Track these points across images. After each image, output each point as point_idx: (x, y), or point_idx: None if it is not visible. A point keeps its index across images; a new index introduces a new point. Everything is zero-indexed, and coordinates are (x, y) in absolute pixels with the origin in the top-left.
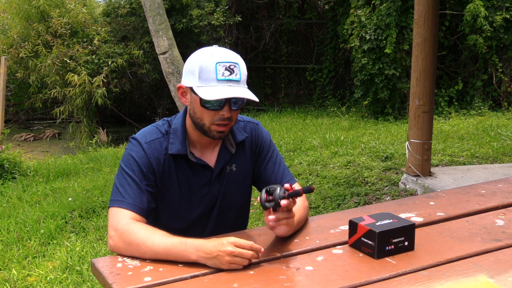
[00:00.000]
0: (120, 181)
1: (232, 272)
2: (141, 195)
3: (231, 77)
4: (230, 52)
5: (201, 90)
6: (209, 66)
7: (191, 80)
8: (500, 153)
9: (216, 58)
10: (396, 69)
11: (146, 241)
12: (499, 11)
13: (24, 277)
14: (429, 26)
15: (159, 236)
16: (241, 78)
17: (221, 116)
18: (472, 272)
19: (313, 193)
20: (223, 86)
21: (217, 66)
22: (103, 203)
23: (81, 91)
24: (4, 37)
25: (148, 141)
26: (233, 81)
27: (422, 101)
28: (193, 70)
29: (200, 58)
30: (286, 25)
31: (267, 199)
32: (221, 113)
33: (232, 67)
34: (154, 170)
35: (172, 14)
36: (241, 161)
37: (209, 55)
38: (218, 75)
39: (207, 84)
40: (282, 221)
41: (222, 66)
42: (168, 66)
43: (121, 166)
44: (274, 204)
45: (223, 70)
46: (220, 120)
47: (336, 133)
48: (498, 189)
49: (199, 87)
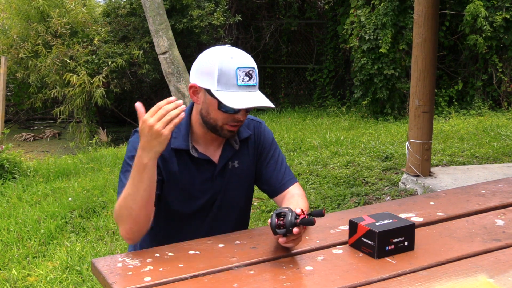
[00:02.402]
0: (124, 174)
1: (232, 272)
2: None
3: (249, 82)
4: (247, 55)
5: (222, 96)
6: (230, 71)
7: (207, 82)
8: (500, 153)
9: (236, 63)
10: (396, 69)
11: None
12: (499, 11)
13: (24, 277)
14: (429, 26)
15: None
16: (257, 83)
17: (236, 118)
18: (472, 272)
19: (313, 193)
20: (243, 92)
21: (237, 72)
22: (103, 203)
23: (81, 91)
24: (4, 37)
25: None
26: (251, 86)
27: (422, 101)
28: (211, 73)
29: (220, 61)
30: (286, 25)
31: (278, 224)
32: (237, 116)
33: (250, 72)
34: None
35: (173, 14)
36: (243, 158)
37: (228, 59)
38: (238, 81)
39: (227, 89)
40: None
41: (242, 72)
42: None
43: (125, 159)
44: (285, 231)
45: (243, 76)
46: (234, 122)
47: (336, 133)
48: (498, 189)
49: (218, 91)
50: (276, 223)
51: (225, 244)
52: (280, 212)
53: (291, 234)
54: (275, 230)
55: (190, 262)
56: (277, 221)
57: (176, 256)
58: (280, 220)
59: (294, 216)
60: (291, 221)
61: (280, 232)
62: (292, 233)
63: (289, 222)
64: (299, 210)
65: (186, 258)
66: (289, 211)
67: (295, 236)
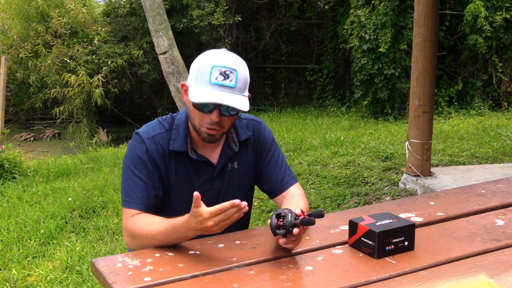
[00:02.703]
0: (126, 180)
1: (232, 272)
2: (148, 191)
3: (224, 82)
4: (233, 58)
5: (192, 91)
6: (205, 68)
7: (190, 79)
8: (500, 153)
9: (214, 61)
10: (396, 69)
11: (147, 234)
12: (499, 11)
13: (24, 277)
14: (429, 26)
15: (156, 225)
16: (236, 85)
17: (210, 120)
18: (472, 272)
19: (313, 193)
20: (213, 91)
21: (212, 69)
22: (103, 203)
23: (80, 91)
24: (4, 37)
25: (150, 136)
26: (226, 87)
27: (422, 101)
28: (193, 70)
29: (200, 59)
30: (286, 25)
31: (278, 225)
32: (211, 116)
33: (227, 73)
34: (157, 164)
35: (173, 14)
36: (243, 159)
37: (209, 58)
38: (211, 79)
39: (199, 86)
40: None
41: (217, 70)
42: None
43: (126, 163)
44: (285, 232)
45: (217, 74)
46: (209, 124)
47: (336, 133)
48: (498, 189)
49: (192, 88)
50: (276, 224)
51: (225, 244)
52: (280, 213)
53: (291, 234)
54: (275, 231)
55: (190, 262)
56: (277, 222)
57: (176, 256)
58: (280, 221)
59: (294, 217)
60: (291, 221)
61: (280, 233)
62: (292, 234)
63: (289, 222)
64: (298, 211)
65: (186, 258)
66: (289, 212)
67: (295, 237)
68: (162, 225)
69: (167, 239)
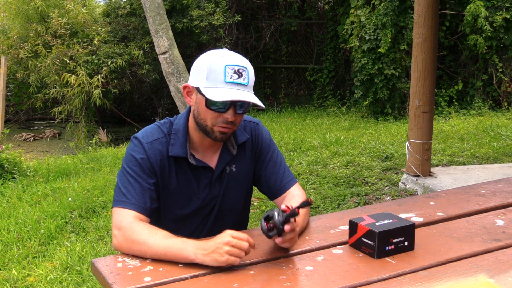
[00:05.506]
0: (122, 182)
1: (232, 272)
2: (144, 195)
3: (239, 80)
4: (240, 56)
5: (208, 91)
6: (218, 68)
7: (198, 80)
8: (500, 153)
9: (226, 60)
10: (396, 69)
11: (147, 240)
12: (499, 11)
13: (24, 277)
14: (429, 26)
15: (161, 236)
16: (248, 83)
17: (225, 118)
18: (472, 272)
19: (313, 193)
20: (230, 89)
21: (226, 69)
22: (103, 203)
23: (79, 91)
24: (4, 37)
25: (149, 141)
26: (241, 85)
27: (422, 101)
28: (202, 71)
29: (210, 59)
30: (286, 25)
31: (268, 228)
32: (225, 115)
33: (240, 71)
34: (155, 170)
35: (173, 14)
36: (241, 161)
37: (219, 57)
38: (226, 77)
39: (214, 86)
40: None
41: (231, 69)
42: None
43: (123, 166)
44: (277, 231)
45: (231, 73)
46: (223, 123)
47: (336, 133)
48: (498, 189)
49: (206, 88)
50: (266, 227)
51: None
52: (267, 216)
53: (284, 232)
54: (268, 234)
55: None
56: (266, 226)
57: None
58: (270, 223)
59: (281, 215)
60: (279, 220)
61: (273, 234)
62: (284, 231)
63: (277, 221)
64: (283, 206)
65: None
66: (275, 212)
67: (289, 232)
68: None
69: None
